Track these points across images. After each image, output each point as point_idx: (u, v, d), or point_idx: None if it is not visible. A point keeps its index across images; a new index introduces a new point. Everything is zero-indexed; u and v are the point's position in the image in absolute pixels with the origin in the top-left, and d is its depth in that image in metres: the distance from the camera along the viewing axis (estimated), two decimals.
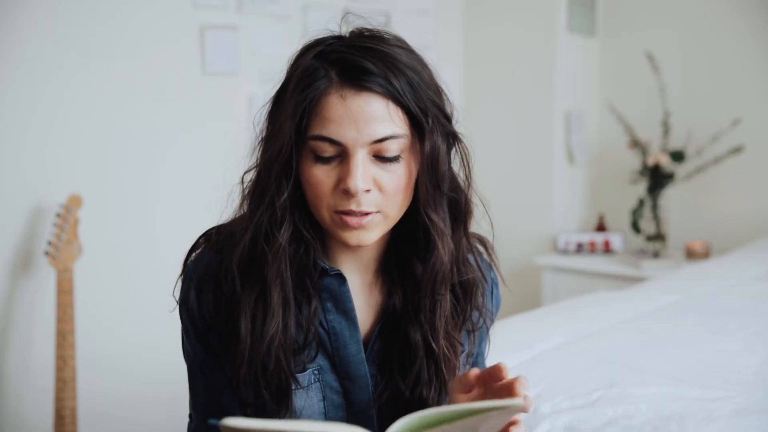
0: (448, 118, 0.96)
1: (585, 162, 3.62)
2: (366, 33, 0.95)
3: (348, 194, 0.90)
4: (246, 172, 0.99)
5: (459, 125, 0.99)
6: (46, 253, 2.18)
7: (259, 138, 0.98)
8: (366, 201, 0.91)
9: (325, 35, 0.95)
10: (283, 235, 0.94)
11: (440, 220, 0.96)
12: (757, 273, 2.53)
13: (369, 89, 0.89)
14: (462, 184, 0.99)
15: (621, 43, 3.58)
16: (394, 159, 0.91)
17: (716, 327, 1.92)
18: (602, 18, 3.63)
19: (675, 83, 3.31)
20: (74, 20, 2.35)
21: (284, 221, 0.94)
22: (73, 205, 2.22)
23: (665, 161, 3.16)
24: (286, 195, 0.93)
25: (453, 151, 0.98)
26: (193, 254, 1.03)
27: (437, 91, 0.95)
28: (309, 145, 0.91)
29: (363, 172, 0.89)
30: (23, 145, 2.27)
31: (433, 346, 0.98)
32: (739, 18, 3.23)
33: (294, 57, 0.96)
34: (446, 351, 0.99)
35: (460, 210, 0.99)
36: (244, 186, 0.99)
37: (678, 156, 3.19)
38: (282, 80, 0.96)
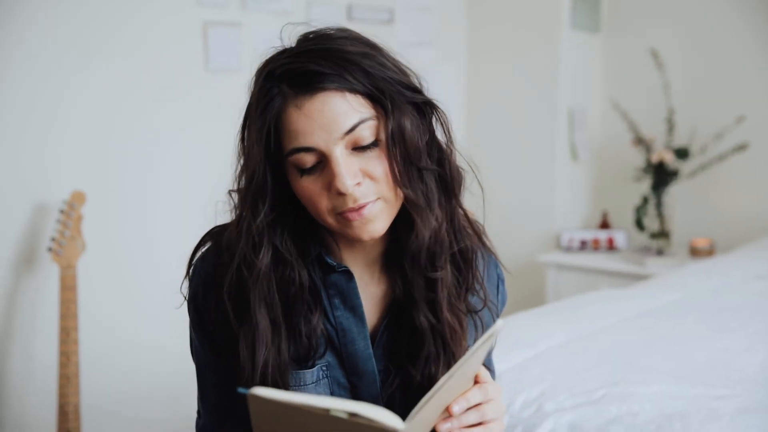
0: (414, 90, 0.95)
1: (588, 159, 3.61)
2: (311, 35, 0.94)
3: (342, 194, 0.90)
4: (231, 192, 0.99)
5: (450, 105, 0.98)
6: (50, 250, 2.18)
7: (237, 159, 0.98)
8: (361, 193, 0.90)
9: (272, 53, 0.95)
10: (263, 261, 0.94)
11: (418, 196, 0.94)
12: (761, 271, 2.52)
13: (322, 89, 0.89)
14: (446, 151, 0.98)
15: (625, 40, 3.56)
16: (371, 145, 0.91)
17: (719, 325, 1.92)
18: (606, 15, 3.61)
19: (679, 80, 3.30)
20: (76, 15, 2.34)
21: (262, 246, 0.94)
22: (76, 201, 2.22)
23: (669, 158, 3.15)
24: (261, 217, 0.93)
25: (434, 120, 0.97)
26: (199, 252, 1.03)
27: (395, 68, 0.94)
28: (289, 162, 0.91)
29: (347, 168, 0.89)
30: (26, 141, 2.27)
31: (438, 319, 0.97)
32: (743, 15, 3.21)
33: (252, 82, 0.96)
34: (451, 323, 0.98)
35: (446, 180, 0.98)
36: (235, 199, 0.99)
37: (682, 153, 3.18)
38: (246, 105, 0.96)
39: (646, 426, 1.36)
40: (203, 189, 2.61)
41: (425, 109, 0.96)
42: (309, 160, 0.90)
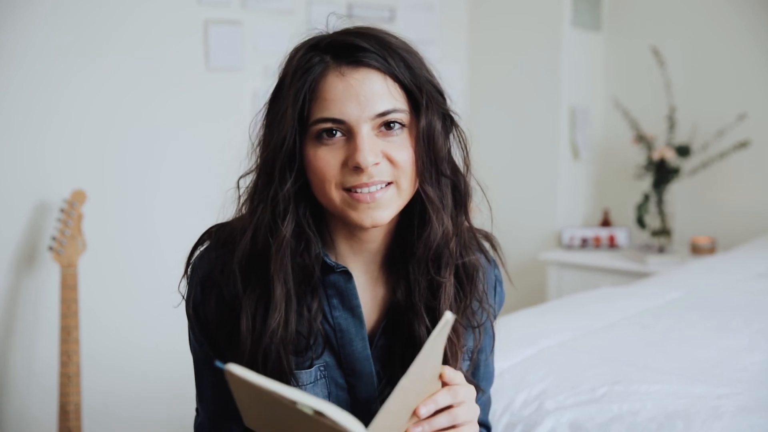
0: (443, 97, 0.97)
1: (590, 157, 3.61)
2: (353, 27, 0.96)
3: (358, 170, 0.90)
4: (242, 177, 0.99)
5: (455, 107, 1.00)
6: (50, 249, 2.18)
7: (256, 141, 0.98)
8: (377, 171, 0.91)
9: (314, 33, 0.96)
10: (287, 228, 0.93)
11: (436, 196, 0.95)
12: (762, 269, 2.51)
13: (366, 64, 0.91)
14: (461, 168, 1.00)
15: (626, 38, 3.56)
16: (398, 131, 0.92)
17: (720, 323, 1.92)
18: (607, 13, 3.61)
19: (680, 78, 3.30)
20: (76, 14, 2.34)
21: (288, 213, 0.94)
22: (77, 200, 2.22)
23: (670, 156, 3.15)
24: (289, 185, 0.93)
25: (452, 137, 0.99)
26: (198, 251, 1.03)
27: (430, 72, 0.97)
28: (312, 132, 0.91)
29: (370, 145, 0.90)
30: (27, 140, 2.27)
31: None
32: (744, 12, 3.21)
33: (286, 58, 0.97)
34: (450, 336, 0.97)
35: (460, 194, 0.99)
36: (241, 191, 0.99)
37: (683, 151, 3.18)
38: (276, 81, 0.97)
39: (648, 425, 1.35)
40: (204, 187, 2.60)
41: (448, 123, 0.97)
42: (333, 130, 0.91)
